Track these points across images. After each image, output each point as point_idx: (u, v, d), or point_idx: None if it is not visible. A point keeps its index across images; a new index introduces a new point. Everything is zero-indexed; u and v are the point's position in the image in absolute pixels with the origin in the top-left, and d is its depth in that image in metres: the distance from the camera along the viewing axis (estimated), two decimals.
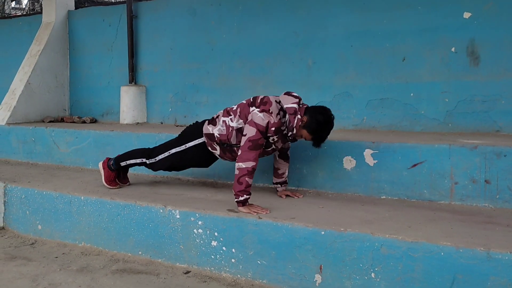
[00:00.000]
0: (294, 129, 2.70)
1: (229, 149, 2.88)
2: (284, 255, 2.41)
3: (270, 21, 4.45)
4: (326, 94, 4.14)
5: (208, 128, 2.93)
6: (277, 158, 3.04)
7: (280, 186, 3.07)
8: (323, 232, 2.31)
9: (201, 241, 2.65)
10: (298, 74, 4.29)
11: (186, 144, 3.02)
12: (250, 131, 2.66)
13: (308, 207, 2.72)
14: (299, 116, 2.68)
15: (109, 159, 3.32)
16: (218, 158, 3.07)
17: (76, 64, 5.77)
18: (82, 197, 3.11)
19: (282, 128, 2.72)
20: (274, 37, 4.42)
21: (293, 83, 4.29)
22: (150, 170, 3.26)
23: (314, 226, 2.35)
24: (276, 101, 2.71)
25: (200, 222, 2.66)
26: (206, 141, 2.95)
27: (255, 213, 2.55)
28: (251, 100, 2.80)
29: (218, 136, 2.87)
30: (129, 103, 5.13)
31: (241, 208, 2.62)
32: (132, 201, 2.92)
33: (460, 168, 2.79)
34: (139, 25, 5.28)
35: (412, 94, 3.81)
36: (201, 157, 3.06)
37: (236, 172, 2.64)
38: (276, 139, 2.74)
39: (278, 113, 2.67)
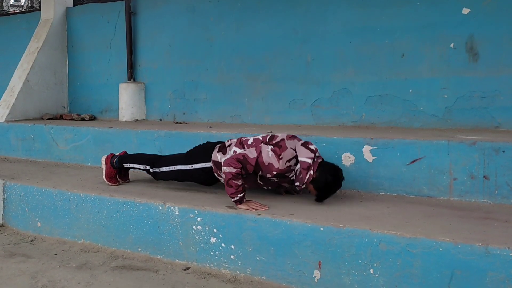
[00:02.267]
0: (305, 184, 2.65)
1: None
2: (283, 251, 2.42)
3: (269, 18, 4.44)
4: (325, 91, 4.14)
5: (217, 156, 2.90)
6: None
7: None
8: (321, 228, 2.32)
9: (200, 238, 2.66)
10: (297, 70, 4.29)
11: (192, 165, 3.00)
12: (250, 152, 2.66)
13: (307, 204, 2.72)
14: (311, 172, 2.61)
15: (113, 155, 3.32)
16: (220, 181, 2.99)
17: (75, 61, 5.76)
18: (81, 194, 3.11)
19: (288, 174, 2.70)
20: (273, 33, 4.41)
21: (292, 79, 4.29)
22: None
23: (313, 222, 2.35)
24: (292, 148, 2.68)
25: (199, 219, 2.66)
26: (213, 167, 2.93)
27: (254, 210, 2.56)
28: (267, 140, 2.77)
29: None
30: (128, 100, 5.13)
31: (240, 206, 2.62)
32: (131, 198, 2.92)
33: (459, 164, 2.79)
34: (137, 22, 5.27)
35: (411, 91, 3.80)
36: (204, 179, 3.05)
37: (223, 176, 2.65)
38: (275, 180, 2.73)
39: (289, 161, 2.65)
